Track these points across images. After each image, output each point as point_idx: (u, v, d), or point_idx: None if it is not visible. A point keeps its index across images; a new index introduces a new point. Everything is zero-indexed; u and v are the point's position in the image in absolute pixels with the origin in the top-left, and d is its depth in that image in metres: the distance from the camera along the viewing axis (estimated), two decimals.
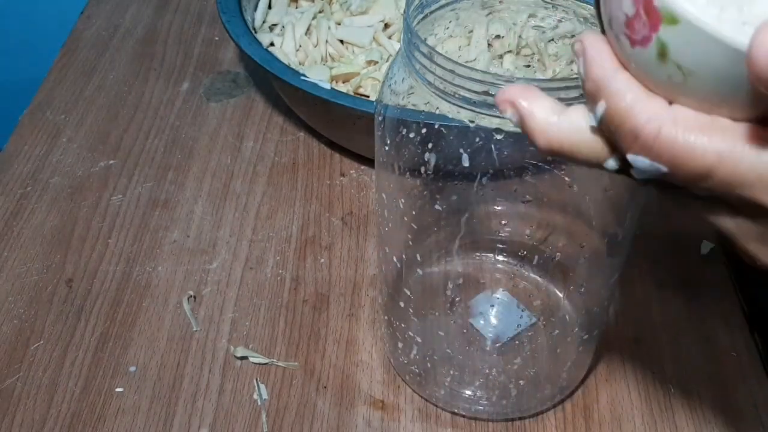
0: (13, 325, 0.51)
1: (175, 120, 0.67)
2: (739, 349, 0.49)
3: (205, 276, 0.54)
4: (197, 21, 0.79)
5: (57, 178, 0.62)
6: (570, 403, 0.47)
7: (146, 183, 0.61)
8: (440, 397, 0.46)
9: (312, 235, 0.57)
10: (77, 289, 0.53)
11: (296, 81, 0.55)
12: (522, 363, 0.46)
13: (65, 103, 0.69)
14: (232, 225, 0.58)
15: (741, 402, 0.47)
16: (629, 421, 0.46)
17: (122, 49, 0.75)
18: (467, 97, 0.31)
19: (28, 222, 0.58)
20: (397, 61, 0.36)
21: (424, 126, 0.36)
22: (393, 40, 0.65)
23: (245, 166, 0.63)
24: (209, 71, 0.73)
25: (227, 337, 0.50)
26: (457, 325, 0.48)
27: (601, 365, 0.49)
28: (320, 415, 0.46)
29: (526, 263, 0.49)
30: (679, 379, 0.48)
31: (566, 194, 0.42)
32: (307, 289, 0.53)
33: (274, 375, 0.48)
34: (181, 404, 0.47)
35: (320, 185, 0.61)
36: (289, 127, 0.66)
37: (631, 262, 0.54)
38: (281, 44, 0.66)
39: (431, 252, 0.49)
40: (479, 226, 0.46)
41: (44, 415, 0.46)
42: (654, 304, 0.52)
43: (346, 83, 0.62)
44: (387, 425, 0.46)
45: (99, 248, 0.56)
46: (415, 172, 0.38)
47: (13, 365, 0.49)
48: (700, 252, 0.55)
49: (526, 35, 0.53)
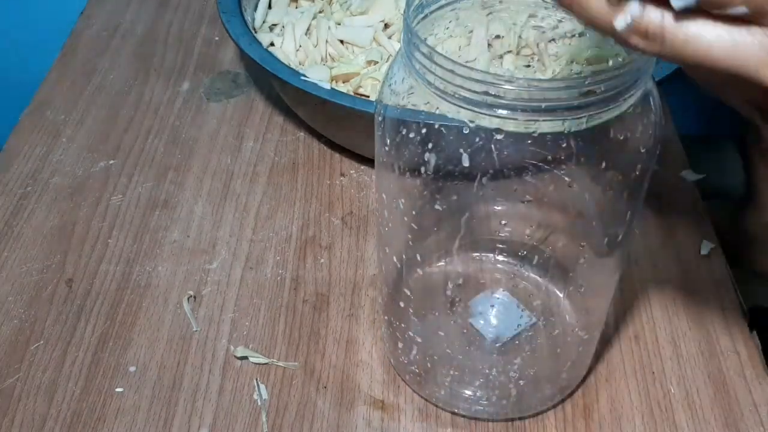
0: (13, 325, 0.51)
1: (175, 120, 0.67)
2: (739, 349, 0.49)
3: (205, 276, 0.54)
4: (197, 21, 0.79)
5: (57, 178, 0.62)
6: (570, 403, 0.47)
7: (146, 183, 0.61)
8: (440, 397, 0.46)
9: (312, 235, 0.57)
10: (77, 289, 0.53)
11: (296, 81, 0.55)
12: (522, 363, 0.46)
13: (65, 103, 0.69)
14: (232, 225, 0.58)
15: (741, 402, 0.47)
16: (629, 421, 0.46)
17: (122, 49, 0.75)
18: (467, 97, 0.31)
19: (28, 222, 0.58)
20: (397, 61, 0.36)
21: (424, 126, 0.36)
22: (393, 40, 0.65)
23: (245, 166, 0.63)
24: (209, 71, 0.73)
25: (227, 337, 0.50)
26: (457, 325, 0.48)
27: (601, 365, 0.49)
28: (320, 415, 0.46)
29: (526, 263, 0.49)
30: (679, 379, 0.48)
31: (566, 194, 0.42)
32: (307, 289, 0.53)
33: (274, 375, 0.48)
34: (181, 404, 0.47)
35: (320, 185, 0.61)
36: (289, 127, 0.66)
37: (631, 262, 0.54)
38: (281, 44, 0.66)
39: (431, 252, 0.49)
40: (479, 226, 0.46)
41: (44, 415, 0.46)
42: (654, 303, 0.52)
43: (346, 83, 0.62)
44: (387, 425, 0.46)
45: (99, 248, 0.56)
46: (415, 172, 0.38)
47: (13, 365, 0.49)
48: (700, 252, 0.55)
49: (526, 35, 0.53)
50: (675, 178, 0.61)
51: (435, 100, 0.33)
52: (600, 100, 0.31)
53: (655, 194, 0.59)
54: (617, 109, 0.32)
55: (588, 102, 0.31)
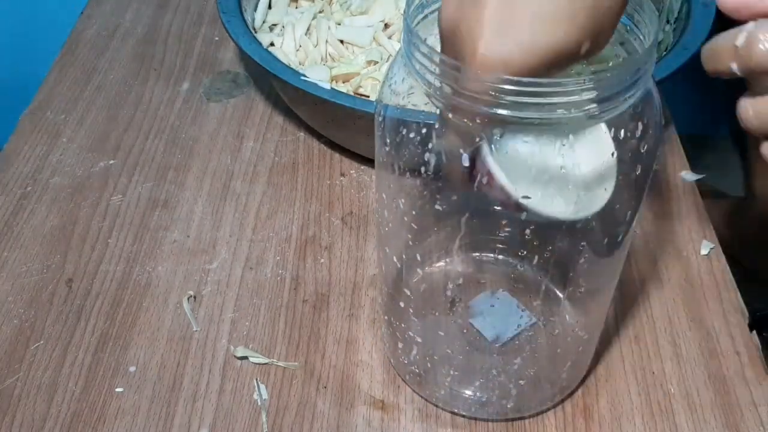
0: (13, 325, 0.51)
1: (175, 120, 0.67)
2: (739, 349, 0.49)
3: (205, 276, 0.54)
4: (197, 21, 0.79)
5: (57, 178, 0.62)
6: (570, 403, 0.47)
7: (146, 183, 0.61)
8: (440, 397, 0.46)
9: (312, 235, 0.57)
10: (77, 289, 0.53)
11: (296, 81, 0.55)
12: (522, 363, 0.46)
13: (65, 103, 0.69)
14: (232, 225, 0.58)
15: (741, 402, 0.47)
16: (629, 421, 0.46)
17: (122, 49, 0.75)
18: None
19: (28, 222, 0.58)
20: (397, 61, 0.36)
21: (424, 126, 0.36)
22: (393, 40, 0.65)
23: (245, 166, 0.63)
24: (209, 71, 0.73)
25: (227, 337, 0.50)
26: (457, 325, 0.48)
27: (601, 365, 0.49)
28: (320, 415, 0.46)
29: (526, 263, 0.49)
30: (679, 379, 0.48)
31: None
32: (307, 289, 0.53)
33: (274, 375, 0.48)
34: (181, 404, 0.47)
35: (320, 185, 0.61)
36: (289, 127, 0.66)
37: (631, 262, 0.54)
38: (281, 44, 0.66)
39: (431, 252, 0.49)
40: (479, 226, 0.46)
41: (44, 415, 0.46)
42: (654, 304, 0.52)
43: (346, 83, 0.62)
44: (387, 425, 0.46)
45: (99, 248, 0.56)
46: (415, 172, 0.38)
47: (13, 365, 0.49)
48: (700, 252, 0.55)
49: None
50: (675, 178, 0.61)
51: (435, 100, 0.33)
52: (600, 100, 0.31)
53: (655, 194, 0.59)
54: (617, 109, 0.32)
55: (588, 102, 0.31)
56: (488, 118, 0.31)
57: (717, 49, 0.33)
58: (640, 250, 0.55)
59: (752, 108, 0.33)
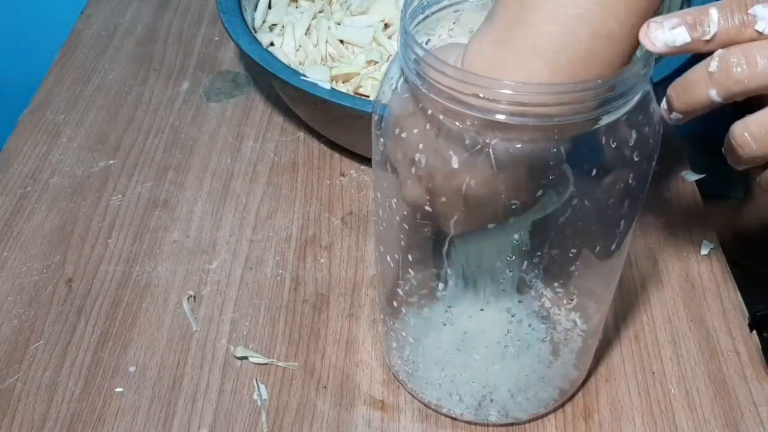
0: (13, 325, 0.51)
1: (175, 120, 0.67)
2: (739, 349, 0.49)
3: (205, 276, 0.54)
4: (197, 21, 0.79)
5: (57, 178, 0.62)
6: (570, 403, 0.47)
7: (146, 183, 0.61)
8: (434, 400, 0.45)
9: (312, 235, 0.57)
10: (77, 289, 0.53)
11: (296, 81, 0.55)
12: (522, 363, 0.46)
13: (65, 103, 0.69)
14: (231, 225, 0.58)
15: (741, 402, 0.47)
16: (629, 421, 0.46)
17: (122, 49, 0.75)
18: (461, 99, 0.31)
19: (28, 222, 0.58)
20: (396, 62, 0.36)
21: None
22: (393, 40, 0.65)
23: (245, 166, 0.63)
24: (209, 71, 0.73)
25: (227, 337, 0.50)
26: (452, 327, 0.48)
27: (601, 365, 0.49)
28: (320, 415, 0.46)
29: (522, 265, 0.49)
30: (679, 379, 0.48)
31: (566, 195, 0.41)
32: (307, 289, 0.53)
33: (274, 375, 0.48)
34: (181, 404, 0.47)
35: (320, 185, 0.61)
36: (289, 127, 0.66)
37: (631, 262, 0.54)
38: (281, 44, 0.66)
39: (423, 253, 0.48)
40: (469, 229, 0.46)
41: (44, 415, 0.46)
42: (654, 304, 0.52)
43: (346, 83, 0.62)
44: (387, 425, 0.46)
45: (99, 248, 0.56)
46: None
47: (13, 365, 0.49)
48: (700, 252, 0.55)
49: None
50: (675, 178, 0.61)
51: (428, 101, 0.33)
52: (599, 104, 0.31)
53: (655, 194, 0.59)
54: (617, 112, 0.32)
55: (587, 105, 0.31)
56: (482, 122, 0.31)
57: (691, 81, 0.32)
58: (640, 250, 0.55)
59: (747, 131, 0.32)
